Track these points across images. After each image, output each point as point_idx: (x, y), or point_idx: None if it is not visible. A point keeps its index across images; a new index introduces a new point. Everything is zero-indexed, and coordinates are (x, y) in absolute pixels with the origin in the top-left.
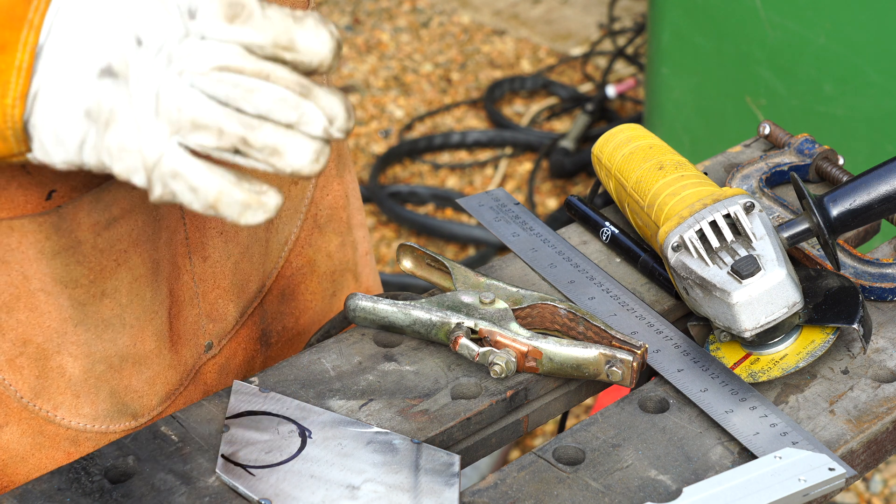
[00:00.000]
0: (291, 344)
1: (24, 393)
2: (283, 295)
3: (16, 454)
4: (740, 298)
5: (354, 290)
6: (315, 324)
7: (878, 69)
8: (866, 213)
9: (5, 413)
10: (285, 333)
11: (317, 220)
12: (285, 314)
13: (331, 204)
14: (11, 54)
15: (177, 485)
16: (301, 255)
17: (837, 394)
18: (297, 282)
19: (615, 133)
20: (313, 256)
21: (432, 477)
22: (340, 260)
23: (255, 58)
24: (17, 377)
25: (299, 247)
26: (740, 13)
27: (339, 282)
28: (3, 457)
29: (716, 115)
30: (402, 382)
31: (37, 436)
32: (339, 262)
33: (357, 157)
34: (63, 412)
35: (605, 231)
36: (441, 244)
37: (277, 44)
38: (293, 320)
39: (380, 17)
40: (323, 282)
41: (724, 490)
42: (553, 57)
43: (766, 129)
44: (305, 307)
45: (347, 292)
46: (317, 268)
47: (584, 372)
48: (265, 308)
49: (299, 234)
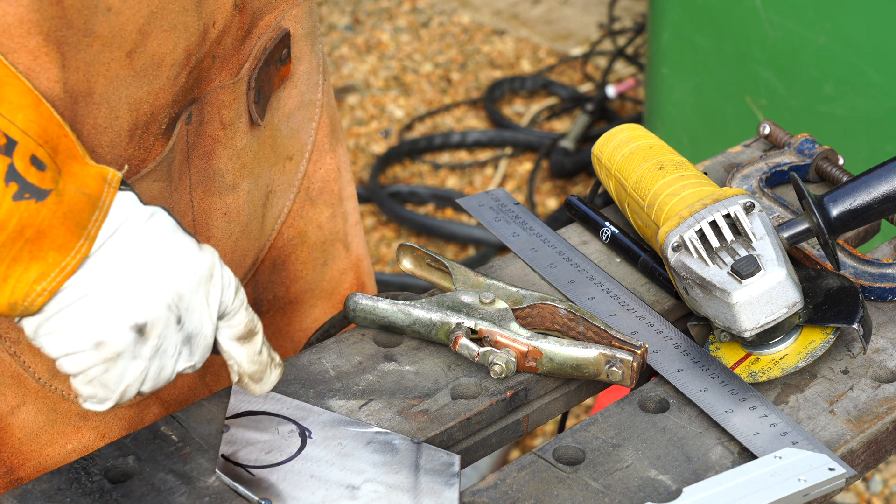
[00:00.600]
0: (283, 312)
1: (41, 374)
2: (274, 265)
3: (31, 432)
4: (740, 298)
5: (345, 259)
6: (306, 293)
7: (878, 69)
8: (866, 213)
9: (23, 393)
10: (276, 302)
11: (309, 193)
12: (276, 283)
13: (323, 177)
14: (64, 255)
15: (177, 485)
16: (292, 226)
17: (837, 394)
18: (287, 252)
19: (615, 133)
20: (304, 228)
21: (432, 477)
22: (331, 230)
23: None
24: (35, 359)
25: (291, 219)
26: (740, 13)
27: (329, 252)
28: (20, 435)
29: (716, 115)
30: (402, 382)
31: (50, 413)
32: (330, 233)
33: (357, 157)
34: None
35: (605, 231)
36: (441, 244)
37: (255, 375)
38: (283, 289)
39: (380, 17)
40: (313, 252)
41: (724, 490)
42: (553, 57)
43: (766, 129)
44: (296, 276)
45: (338, 262)
46: (307, 238)
47: (584, 372)
48: (257, 278)
49: (292, 207)
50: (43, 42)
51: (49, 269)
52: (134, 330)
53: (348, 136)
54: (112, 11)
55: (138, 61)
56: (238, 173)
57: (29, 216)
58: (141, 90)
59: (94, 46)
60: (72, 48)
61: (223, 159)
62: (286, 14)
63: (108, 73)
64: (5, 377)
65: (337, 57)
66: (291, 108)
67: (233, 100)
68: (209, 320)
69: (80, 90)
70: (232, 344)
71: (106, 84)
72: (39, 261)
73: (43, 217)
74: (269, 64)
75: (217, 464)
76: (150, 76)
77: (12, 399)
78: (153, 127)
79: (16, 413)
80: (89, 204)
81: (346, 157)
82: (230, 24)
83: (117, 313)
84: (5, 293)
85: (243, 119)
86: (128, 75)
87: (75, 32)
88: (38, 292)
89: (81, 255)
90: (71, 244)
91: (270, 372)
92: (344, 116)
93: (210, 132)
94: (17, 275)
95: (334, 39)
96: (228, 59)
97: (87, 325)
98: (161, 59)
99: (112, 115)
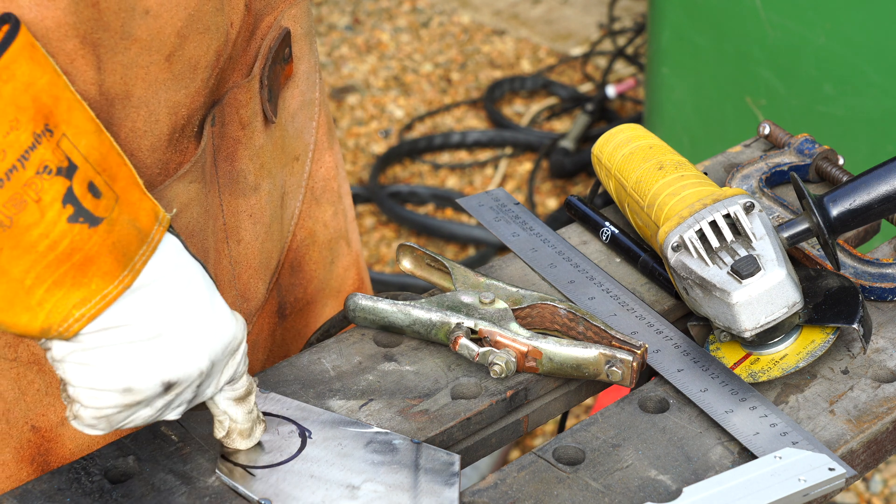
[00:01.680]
0: (301, 314)
1: None
2: (292, 267)
3: (82, 442)
4: (740, 298)
5: (348, 256)
6: (319, 292)
7: (878, 69)
8: (866, 213)
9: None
10: (297, 304)
11: (314, 192)
12: (296, 285)
13: (324, 175)
14: (108, 283)
15: (177, 485)
16: (303, 227)
17: (837, 394)
18: (302, 253)
19: (615, 133)
20: (313, 227)
21: (432, 477)
22: (335, 228)
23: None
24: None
25: (302, 219)
26: (740, 13)
27: (335, 249)
28: (70, 446)
29: (716, 115)
30: (402, 382)
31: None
32: (334, 231)
33: (357, 157)
34: None
35: (605, 231)
36: (441, 244)
37: (245, 431)
38: (302, 290)
39: (380, 17)
40: (323, 251)
41: (724, 490)
42: (553, 57)
43: (766, 129)
44: (311, 277)
45: (343, 259)
46: (317, 238)
47: (584, 372)
48: (280, 282)
49: (301, 208)
50: (79, 45)
51: (91, 296)
52: (163, 386)
53: (348, 136)
54: (150, 14)
55: (177, 65)
56: (258, 173)
57: (80, 240)
58: (179, 93)
59: (133, 49)
60: (108, 50)
61: (244, 160)
62: (285, 14)
63: (147, 76)
64: (53, 388)
65: (337, 57)
66: (295, 107)
67: (249, 98)
68: (216, 386)
69: (117, 93)
70: (230, 404)
71: (145, 87)
72: (82, 287)
73: (93, 243)
74: (276, 62)
75: (217, 464)
76: (188, 79)
77: (62, 410)
78: (188, 130)
79: (66, 423)
80: (139, 238)
81: (340, 153)
82: (242, 24)
83: (155, 367)
84: (39, 317)
85: (259, 118)
86: (167, 79)
87: (112, 35)
88: (76, 318)
89: (125, 285)
90: (116, 273)
91: (256, 427)
92: (344, 116)
93: (231, 133)
94: (55, 299)
95: (334, 39)
96: (239, 59)
97: (122, 369)
98: (197, 61)
99: (151, 118)
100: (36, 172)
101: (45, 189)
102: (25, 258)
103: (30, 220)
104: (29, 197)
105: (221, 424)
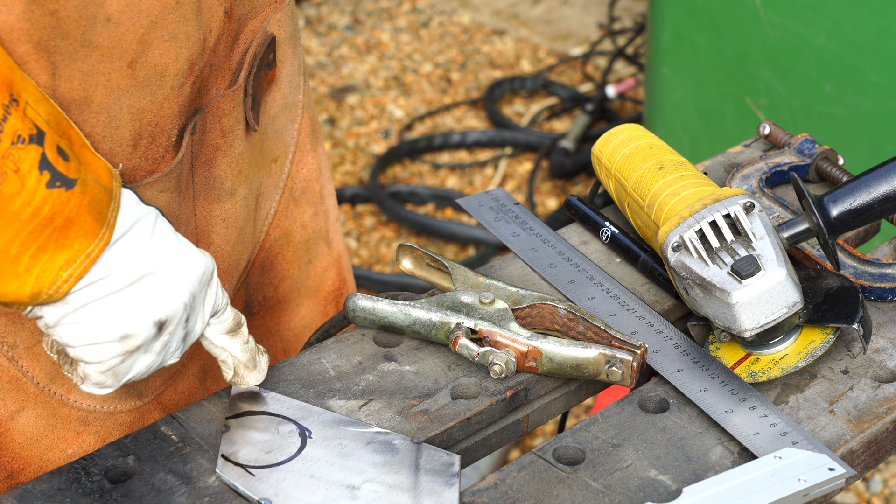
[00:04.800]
0: (272, 312)
1: (40, 378)
2: (263, 266)
3: (31, 437)
4: (740, 298)
5: (327, 256)
6: (293, 292)
7: (878, 69)
8: (866, 213)
9: (23, 398)
10: (266, 303)
11: (293, 193)
12: (265, 284)
13: (305, 177)
14: (90, 241)
15: (177, 485)
16: (278, 227)
17: (837, 394)
18: (275, 253)
19: (615, 133)
20: (289, 228)
21: (432, 477)
22: (314, 229)
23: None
24: (34, 364)
25: (277, 220)
26: (740, 13)
27: (313, 249)
28: (20, 440)
29: (716, 115)
30: (402, 382)
31: (50, 418)
32: (313, 231)
33: (357, 157)
34: (76, 395)
35: (605, 231)
36: (441, 244)
37: (249, 362)
38: (272, 289)
39: (380, 17)
40: (298, 251)
41: (724, 490)
42: (553, 57)
43: (766, 129)
44: (283, 276)
45: (321, 259)
46: (293, 238)
47: (584, 372)
48: (248, 281)
49: (277, 208)
50: (32, 50)
51: (75, 256)
52: (156, 326)
53: (348, 136)
54: (111, 22)
55: (140, 71)
56: (236, 179)
57: (60, 204)
58: (144, 100)
59: (94, 56)
60: (66, 58)
61: (223, 166)
62: (270, 19)
63: (109, 82)
64: (4, 382)
65: (337, 57)
66: (276, 110)
67: (232, 108)
68: (202, 320)
69: (74, 98)
70: (223, 338)
71: (106, 94)
72: (66, 248)
73: (72, 205)
74: (260, 69)
75: (217, 464)
76: (154, 86)
77: (11, 404)
78: (161, 138)
79: (15, 418)
80: (106, 194)
81: (325, 154)
82: (223, 31)
83: (144, 308)
84: (28, 283)
85: (241, 126)
86: (129, 85)
87: (71, 42)
88: (63, 279)
89: (105, 241)
90: (95, 231)
91: (260, 358)
92: (344, 116)
93: (211, 140)
94: (41, 264)
95: (334, 39)
96: (221, 67)
97: (115, 317)
98: (164, 68)
99: (112, 124)
100: (11, 143)
101: (22, 158)
102: (10, 228)
103: (12, 191)
104: (8, 168)
105: (226, 364)
